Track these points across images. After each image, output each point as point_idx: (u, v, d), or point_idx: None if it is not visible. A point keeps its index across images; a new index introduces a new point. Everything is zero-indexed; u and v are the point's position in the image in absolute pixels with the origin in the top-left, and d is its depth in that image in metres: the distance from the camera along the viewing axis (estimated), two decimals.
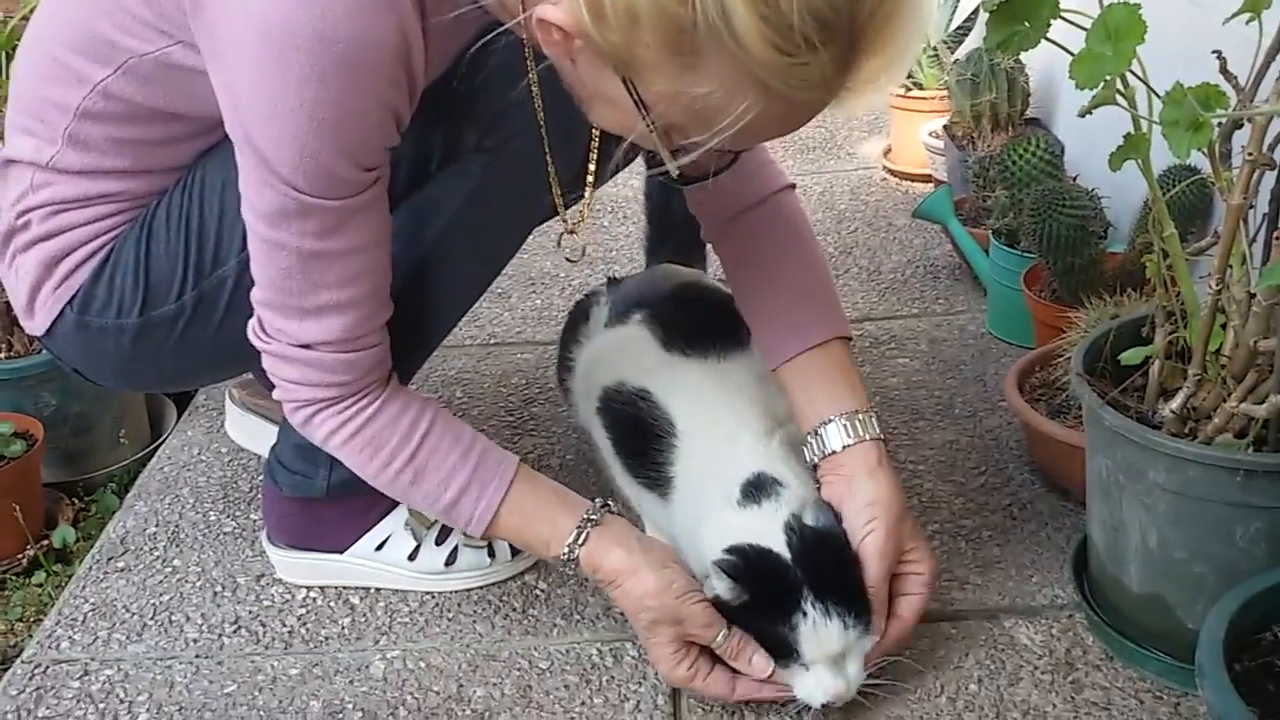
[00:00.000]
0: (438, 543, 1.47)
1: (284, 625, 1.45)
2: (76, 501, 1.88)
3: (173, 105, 1.20)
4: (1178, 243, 1.22)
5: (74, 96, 1.20)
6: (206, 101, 1.10)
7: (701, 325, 1.45)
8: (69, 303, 1.30)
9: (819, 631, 1.17)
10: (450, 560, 1.47)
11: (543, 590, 1.48)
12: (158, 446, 1.87)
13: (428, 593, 1.48)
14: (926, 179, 2.53)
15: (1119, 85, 1.14)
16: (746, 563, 1.19)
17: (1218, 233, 1.16)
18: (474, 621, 1.44)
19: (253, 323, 1.21)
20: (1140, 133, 1.16)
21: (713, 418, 1.34)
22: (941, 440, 1.69)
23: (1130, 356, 1.25)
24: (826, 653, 1.17)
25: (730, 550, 1.21)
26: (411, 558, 1.47)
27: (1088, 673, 1.28)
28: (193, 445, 1.83)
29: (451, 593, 1.48)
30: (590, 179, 1.27)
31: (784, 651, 1.19)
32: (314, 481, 1.41)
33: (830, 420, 1.30)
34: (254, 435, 1.68)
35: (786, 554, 1.20)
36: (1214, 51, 1.09)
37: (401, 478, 1.24)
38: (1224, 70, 1.10)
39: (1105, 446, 1.22)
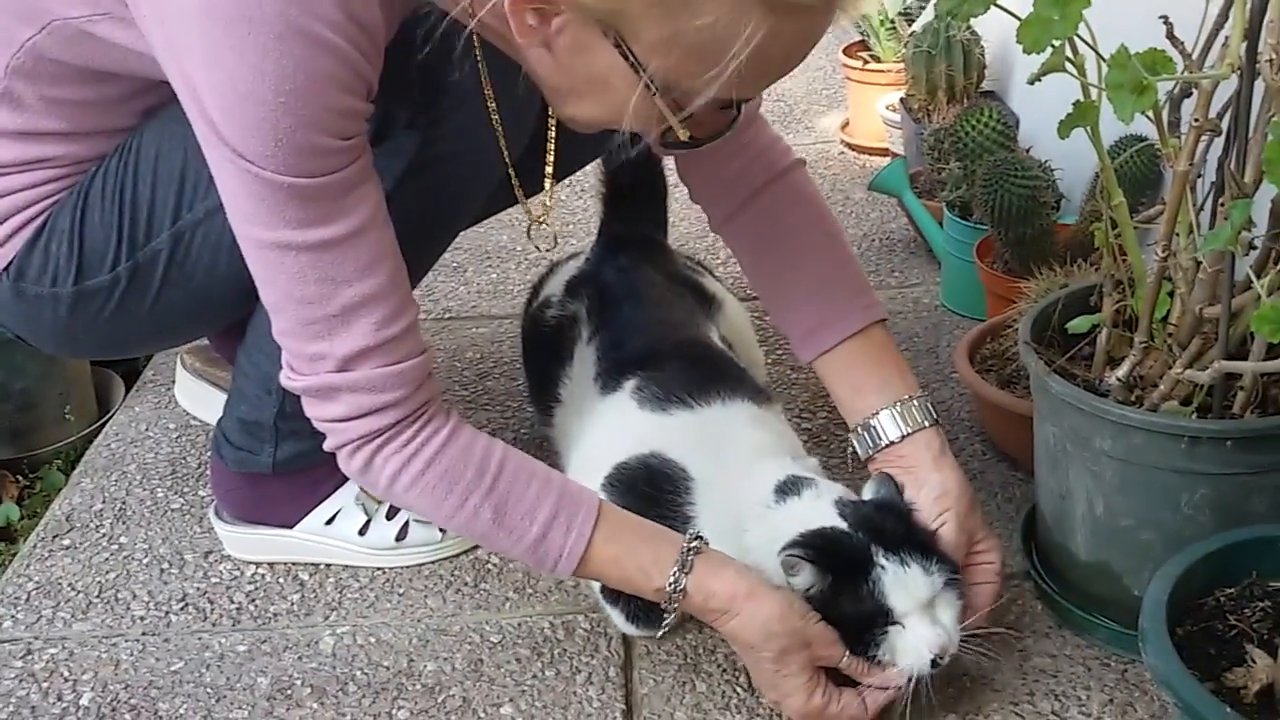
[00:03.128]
0: (388, 518, 1.46)
1: (232, 602, 1.43)
2: (21, 479, 1.85)
3: (102, 65, 1.17)
4: (1126, 211, 1.22)
5: (3, 55, 1.17)
6: (136, 66, 1.06)
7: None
8: (5, 269, 1.27)
9: (901, 579, 1.12)
10: (401, 535, 1.46)
11: (495, 564, 1.47)
12: (105, 423, 1.84)
13: (378, 568, 1.47)
14: (884, 152, 2.53)
15: (1069, 53, 1.14)
16: (812, 545, 1.13)
17: (1166, 201, 1.16)
18: (425, 596, 1.43)
19: (284, 373, 1.13)
20: (1089, 101, 1.16)
21: (728, 455, 1.28)
22: None
23: (1077, 325, 1.25)
24: (916, 599, 1.12)
25: (788, 545, 1.14)
26: (362, 533, 1.46)
27: (1036, 640, 1.29)
28: (140, 421, 1.81)
29: (402, 568, 1.47)
30: (549, 169, 1.24)
31: (875, 617, 1.12)
32: (259, 458, 1.39)
33: (882, 409, 1.25)
34: (203, 402, 1.66)
35: (844, 524, 1.16)
36: (1160, 17, 1.09)
37: (481, 515, 1.13)
38: (1170, 36, 1.10)
39: (1052, 414, 1.22)
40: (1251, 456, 1.13)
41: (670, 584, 1.13)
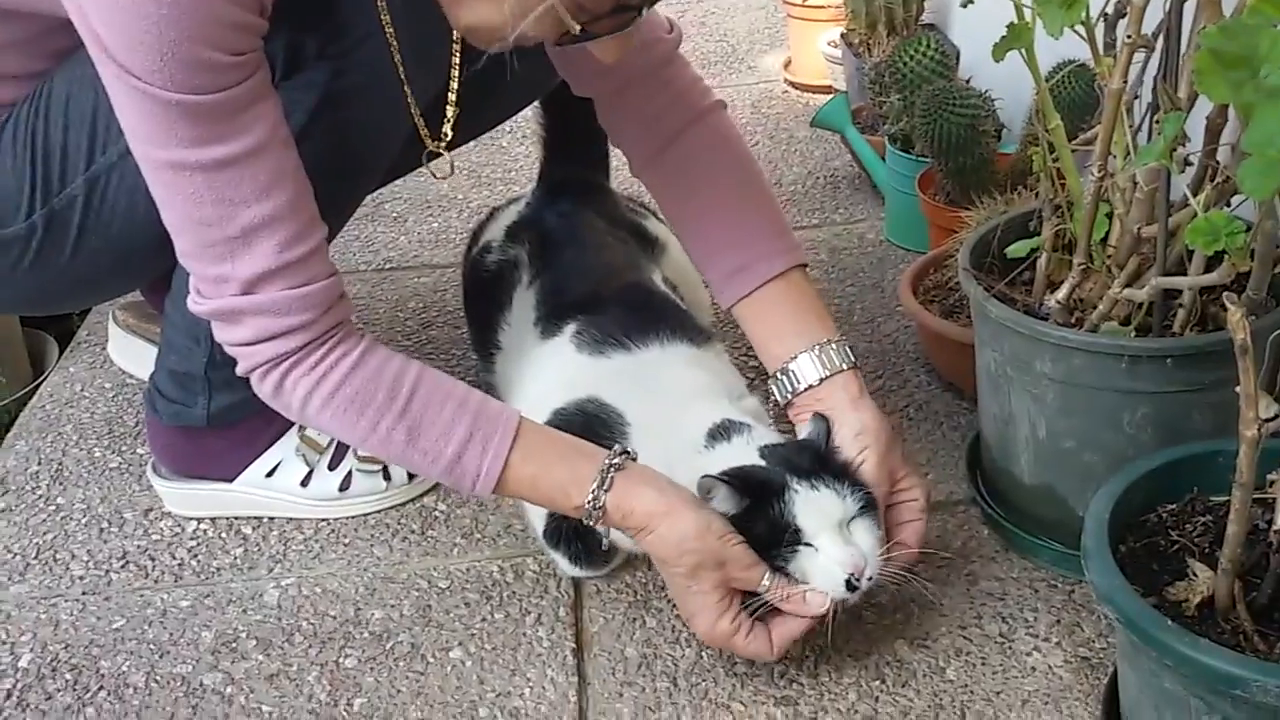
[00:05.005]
0: (330, 468, 1.44)
1: (174, 558, 1.41)
2: None
3: (2, 3, 1.12)
4: (1063, 134, 1.22)
5: None
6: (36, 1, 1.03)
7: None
8: None
9: (812, 499, 1.11)
10: (344, 485, 1.44)
11: (442, 511, 1.46)
12: (38, 384, 1.81)
13: (322, 519, 1.45)
14: (827, 90, 2.50)
15: None
16: (730, 475, 1.13)
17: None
18: (371, 545, 1.41)
19: (191, 296, 1.11)
20: (1023, 22, 1.15)
21: (664, 397, 1.27)
22: None
23: (1016, 249, 1.25)
24: (826, 520, 1.11)
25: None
26: (304, 484, 1.43)
27: (983, 565, 1.30)
28: (75, 382, 1.77)
29: (347, 518, 1.45)
30: (452, 96, 1.21)
31: (787, 537, 1.11)
32: (193, 410, 1.37)
33: (800, 353, 1.23)
34: (137, 359, 1.63)
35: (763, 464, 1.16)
36: None
37: (394, 437, 1.12)
38: None
39: (993, 339, 1.22)
40: (1192, 374, 1.13)
41: (589, 501, 1.12)
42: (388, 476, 1.45)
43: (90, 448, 1.62)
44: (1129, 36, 1.07)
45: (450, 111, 1.24)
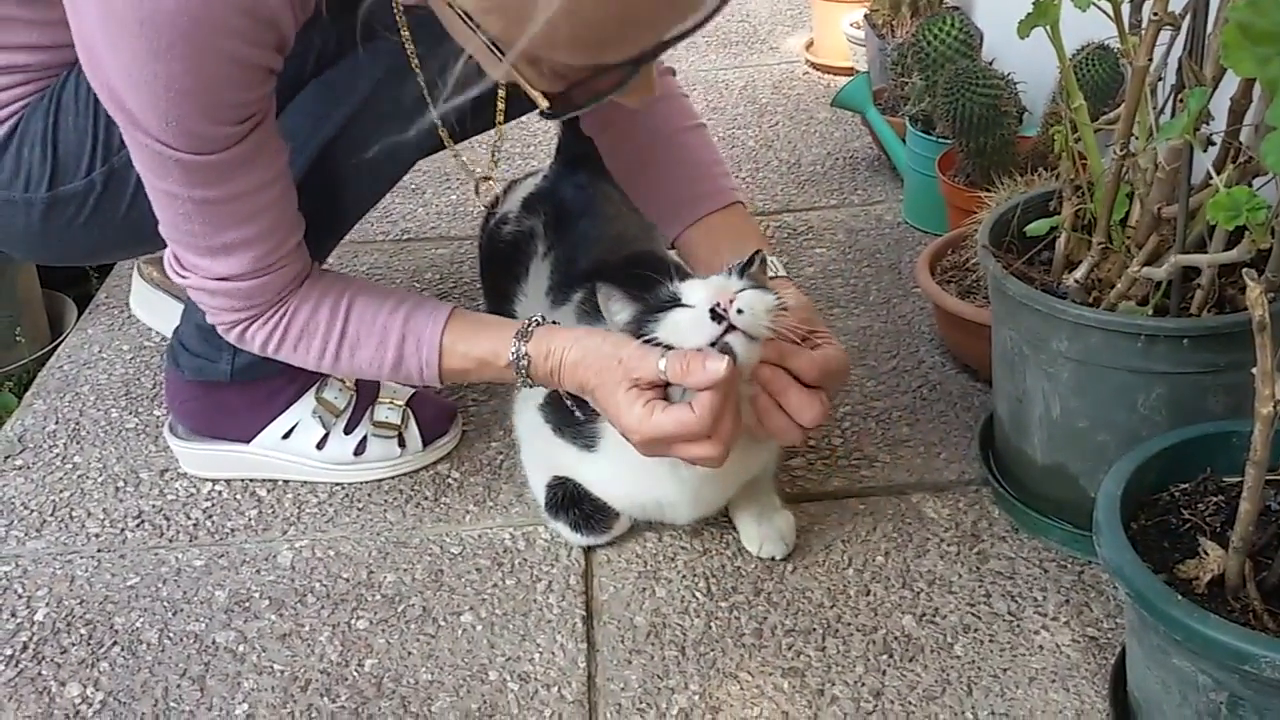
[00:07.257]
0: (346, 431, 1.45)
1: (189, 518, 1.42)
2: None
3: None
4: (1086, 113, 1.21)
5: None
6: None
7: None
8: None
9: (700, 281, 1.15)
10: (359, 450, 1.45)
11: (455, 479, 1.46)
12: (57, 345, 1.82)
13: (337, 483, 1.46)
14: (849, 71, 2.50)
15: None
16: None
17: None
18: (385, 510, 1.42)
19: (168, 260, 1.19)
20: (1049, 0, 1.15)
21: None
22: (855, 326, 1.69)
23: (1036, 228, 1.25)
24: (710, 290, 1.12)
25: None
26: (319, 447, 1.44)
27: (993, 544, 1.30)
28: (93, 343, 1.78)
29: (361, 483, 1.46)
30: (500, 118, 1.25)
31: (667, 304, 1.13)
32: (217, 365, 1.38)
33: (734, 265, 1.23)
34: (159, 312, 1.64)
35: None
36: None
37: (342, 354, 1.22)
38: None
39: (1009, 317, 1.22)
40: (1208, 355, 1.13)
41: (513, 353, 1.18)
42: (402, 443, 1.46)
43: (107, 408, 1.63)
44: (1155, 14, 1.06)
45: (496, 137, 1.30)
